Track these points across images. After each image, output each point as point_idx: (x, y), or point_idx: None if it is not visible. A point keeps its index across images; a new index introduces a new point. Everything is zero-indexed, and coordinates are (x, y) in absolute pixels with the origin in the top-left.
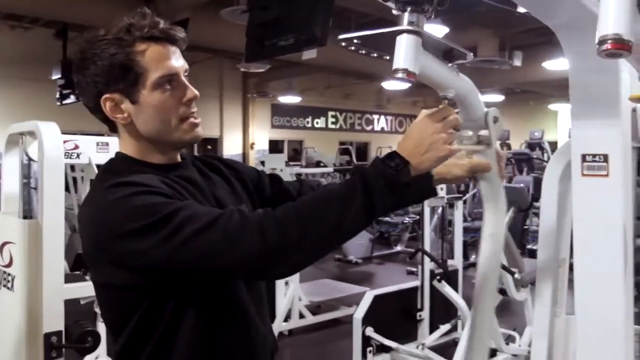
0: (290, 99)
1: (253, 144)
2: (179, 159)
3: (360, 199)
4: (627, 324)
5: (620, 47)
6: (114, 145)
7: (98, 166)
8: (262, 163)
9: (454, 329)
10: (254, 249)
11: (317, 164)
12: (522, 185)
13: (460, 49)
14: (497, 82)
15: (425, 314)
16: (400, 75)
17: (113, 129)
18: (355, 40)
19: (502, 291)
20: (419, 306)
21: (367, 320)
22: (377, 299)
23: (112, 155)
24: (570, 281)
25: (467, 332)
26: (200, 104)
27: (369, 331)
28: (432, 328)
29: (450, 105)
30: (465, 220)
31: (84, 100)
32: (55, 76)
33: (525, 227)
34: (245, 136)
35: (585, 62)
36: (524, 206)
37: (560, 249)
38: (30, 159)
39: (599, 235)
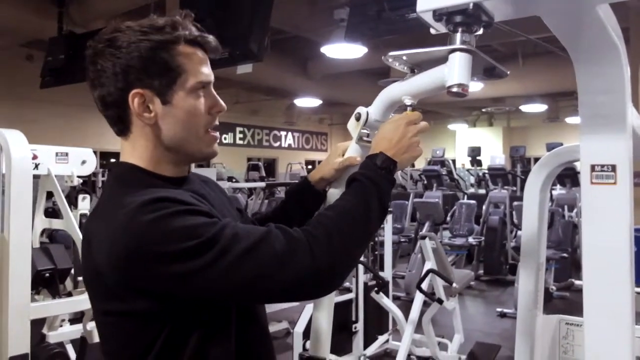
0: None
1: None
2: (186, 173)
3: (376, 202)
4: (633, 323)
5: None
6: (74, 156)
7: (57, 177)
8: None
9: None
10: (307, 268)
11: (229, 180)
12: (437, 200)
13: (501, 67)
14: None
15: (360, 326)
16: (455, 89)
17: (123, 131)
18: (404, 58)
19: (439, 300)
20: (353, 318)
21: (307, 334)
22: None
23: (73, 166)
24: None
25: (405, 342)
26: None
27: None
28: (367, 339)
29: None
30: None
31: (100, 91)
32: None
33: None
34: None
35: (597, 82)
36: (438, 220)
37: (540, 254)
38: None
39: (607, 238)
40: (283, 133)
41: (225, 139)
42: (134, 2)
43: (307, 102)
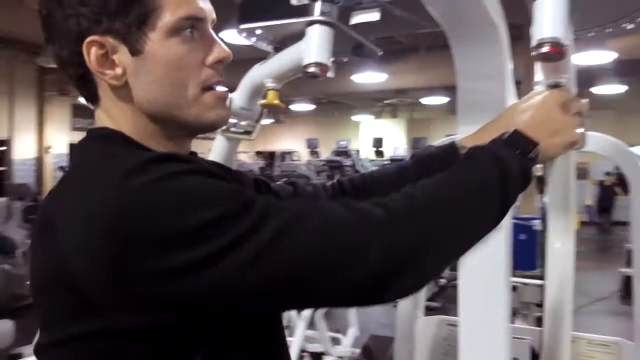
0: None
1: (49, 147)
2: (187, 151)
3: (497, 189)
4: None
5: (557, 50)
6: None
7: None
8: (62, 168)
9: None
10: (392, 250)
11: None
12: None
13: (371, 45)
14: (309, 91)
15: None
16: (312, 69)
17: (92, 97)
18: (257, 32)
19: None
20: None
21: None
22: None
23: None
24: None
25: (297, 338)
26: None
27: None
28: None
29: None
30: None
31: (54, 47)
32: None
33: None
34: (41, 139)
35: (475, 68)
36: None
37: None
38: None
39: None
40: None
41: None
42: None
43: None
